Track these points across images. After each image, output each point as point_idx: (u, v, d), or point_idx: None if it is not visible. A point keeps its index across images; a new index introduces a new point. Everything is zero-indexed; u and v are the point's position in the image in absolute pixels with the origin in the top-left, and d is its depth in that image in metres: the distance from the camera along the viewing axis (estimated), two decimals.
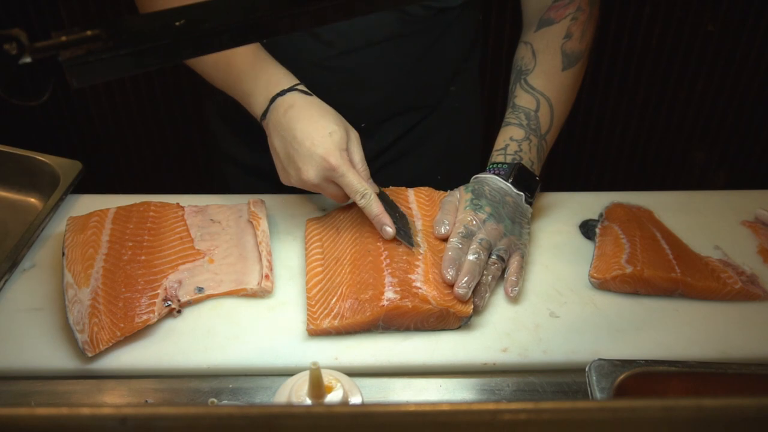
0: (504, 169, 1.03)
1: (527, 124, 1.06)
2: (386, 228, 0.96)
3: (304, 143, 0.95)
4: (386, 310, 0.88)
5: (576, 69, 1.10)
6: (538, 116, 1.07)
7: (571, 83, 1.11)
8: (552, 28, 1.10)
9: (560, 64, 1.09)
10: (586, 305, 0.96)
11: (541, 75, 1.09)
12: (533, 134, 1.06)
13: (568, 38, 1.09)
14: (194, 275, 0.96)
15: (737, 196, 1.17)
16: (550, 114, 1.08)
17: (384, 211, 0.96)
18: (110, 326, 0.86)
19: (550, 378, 0.87)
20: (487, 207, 0.98)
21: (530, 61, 1.10)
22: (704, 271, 0.99)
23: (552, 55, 1.09)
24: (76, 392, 0.84)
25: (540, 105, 1.07)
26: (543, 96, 1.08)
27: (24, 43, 0.54)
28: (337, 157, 0.94)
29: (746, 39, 1.98)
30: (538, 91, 1.08)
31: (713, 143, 2.21)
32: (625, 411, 0.44)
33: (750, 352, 0.90)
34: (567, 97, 1.11)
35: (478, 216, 0.97)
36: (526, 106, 1.08)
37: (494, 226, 0.97)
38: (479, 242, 0.95)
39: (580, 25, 1.09)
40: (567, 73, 1.10)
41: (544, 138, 1.07)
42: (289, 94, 0.98)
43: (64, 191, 1.09)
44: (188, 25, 0.58)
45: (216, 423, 0.42)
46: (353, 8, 0.63)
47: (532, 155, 1.05)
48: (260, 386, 0.85)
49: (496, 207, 0.99)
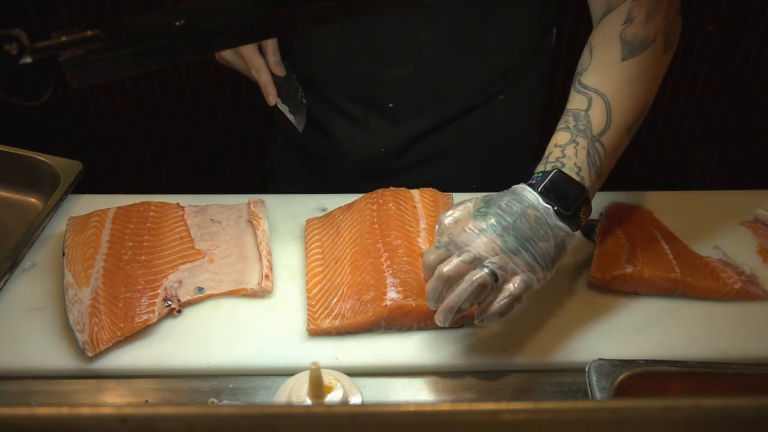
0: (537, 178, 0.86)
1: (574, 126, 0.90)
2: (269, 96, 1.12)
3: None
4: (389, 310, 0.88)
5: (642, 58, 0.92)
6: (589, 115, 0.90)
7: (637, 74, 0.93)
8: (610, 17, 0.95)
9: (619, 53, 0.93)
10: (586, 305, 0.96)
11: (596, 70, 0.94)
12: (581, 136, 0.89)
13: (628, 23, 0.93)
14: (194, 275, 0.96)
15: (737, 196, 1.17)
16: (606, 112, 0.90)
17: (271, 83, 1.12)
18: (110, 326, 0.86)
19: (550, 378, 0.87)
20: (491, 217, 0.82)
21: (586, 59, 0.95)
22: (704, 271, 0.99)
23: (609, 45, 0.94)
24: (76, 392, 0.85)
25: (592, 103, 0.91)
26: (596, 93, 0.92)
27: (24, 43, 0.54)
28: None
29: (746, 39, 1.97)
30: (591, 88, 0.93)
31: (713, 143, 2.21)
32: (625, 411, 0.44)
33: (750, 352, 0.90)
34: (633, 92, 0.93)
35: (475, 225, 0.82)
36: (576, 107, 0.92)
37: (488, 240, 0.81)
38: (459, 254, 0.81)
39: (643, 7, 0.93)
40: (628, 64, 0.92)
41: (597, 139, 0.89)
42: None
43: (64, 191, 1.09)
44: (188, 25, 0.58)
45: (216, 423, 0.42)
46: (353, 8, 0.63)
47: (579, 160, 0.88)
48: (260, 386, 0.85)
49: (505, 218, 0.82)
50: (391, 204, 1.02)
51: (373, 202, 1.03)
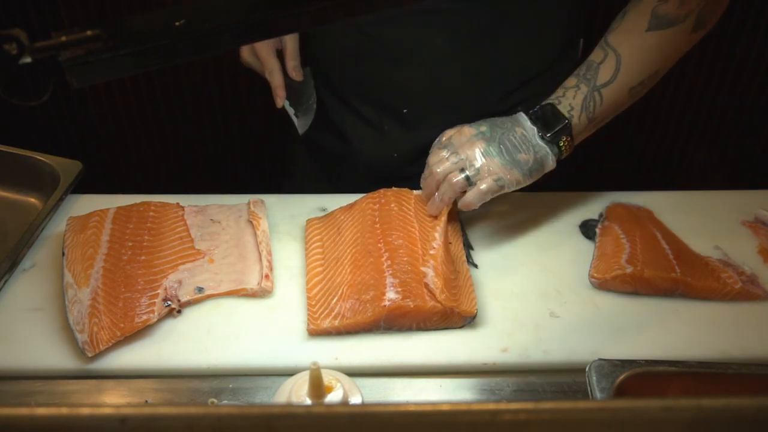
0: (533, 109, 1.01)
1: (584, 74, 1.02)
2: (277, 99, 1.12)
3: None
4: (388, 310, 0.88)
5: (666, 33, 1.00)
6: (600, 67, 1.01)
7: (655, 45, 1.01)
8: None
9: (646, 24, 1.01)
10: (586, 305, 0.96)
11: (620, 33, 1.02)
12: (584, 83, 1.01)
13: (664, 1, 1.00)
14: (194, 275, 0.96)
15: (737, 196, 1.17)
16: (615, 67, 1.01)
17: (281, 86, 1.12)
18: (110, 326, 0.86)
19: (550, 378, 0.87)
20: (483, 126, 0.99)
21: (618, 22, 1.04)
22: (704, 271, 0.99)
23: (640, 15, 1.01)
24: (76, 392, 0.84)
25: (607, 57, 1.01)
26: (613, 51, 1.01)
27: (24, 43, 0.54)
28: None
29: (746, 39, 1.97)
30: (610, 46, 1.02)
31: (713, 143, 2.21)
32: (625, 411, 0.44)
33: (750, 352, 0.90)
34: (645, 58, 1.02)
35: (469, 131, 0.98)
36: (592, 59, 1.03)
37: (477, 141, 0.97)
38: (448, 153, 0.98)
39: None
40: (650, 35, 1.00)
41: (597, 89, 1.01)
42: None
43: (64, 191, 1.09)
44: (188, 25, 0.58)
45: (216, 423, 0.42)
46: (353, 8, 0.63)
47: (575, 102, 1.00)
48: (260, 386, 0.85)
49: (494, 129, 0.98)
50: (393, 204, 1.02)
51: (375, 202, 1.03)
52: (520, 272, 1.00)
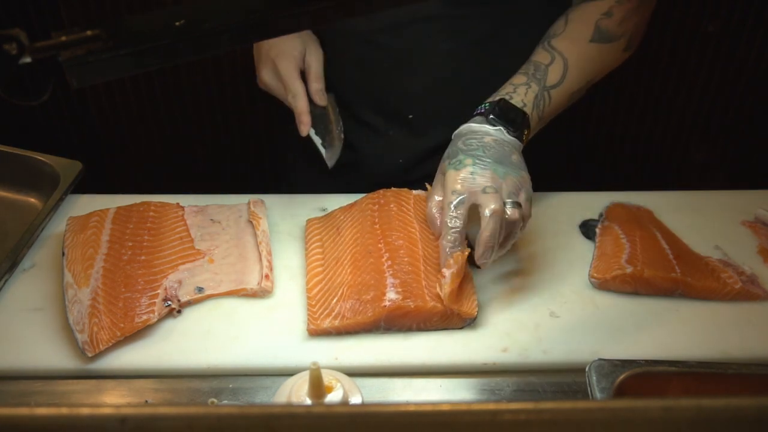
0: (486, 107, 0.98)
1: (532, 73, 1.02)
2: (301, 126, 1.07)
3: (263, 47, 1.09)
4: (388, 310, 0.88)
5: (606, 47, 1.05)
6: (548, 69, 1.02)
7: (596, 56, 1.06)
8: (593, 3, 1.06)
9: (590, 35, 1.05)
10: (586, 305, 0.96)
11: (567, 39, 1.05)
12: (535, 82, 1.01)
13: (607, 16, 1.05)
14: (194, 275, 0.96)
15: (737, 196, 1.18)
16: (563, 71, 1.03)
17: (307, 112, 1.07)
18: (110, 326, 0.86)
19: (550, 378, 0.87)
20: (466, 159, 0.92)
21: (560, 27, 1.07)
22: (704, 271, 0.99)
23: (584, 26, 1.05)
24: (76, 392, 0.84)
25: (554, 60, 1.03)
26: (561, 55, 1.04)
27: (24, 43, 0.54)
28: (286, 61, 1.07)
29: (746, 39, 1.97)
30: (557, 50, 1.04)
31: (713, 143, 2.21)
32: (625, 411, 0.44)
33: (750, 352, 0.90)
34: (588, 67, 1.05)
35: (459, 173, 0.91)
36: (539, 60, 1.04)
37: (483, 175, 0.90)
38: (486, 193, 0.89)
39: (623, 9, 1.05)
40: (593, 45, 1.05)
41: (547, 89, 1.01)
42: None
43: (64, 191, 1.09)
44: (188, 25, 0.58)
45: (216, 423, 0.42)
46: (353, 8, 0.63)
47: (527, 98, 0.99)
48: (260, 386, 0.85)
49: (476, 154, 0.93)
50: (392, 204, 1.02)
51: (375, 202, 1.03)
52: (520, 272, 1.00)
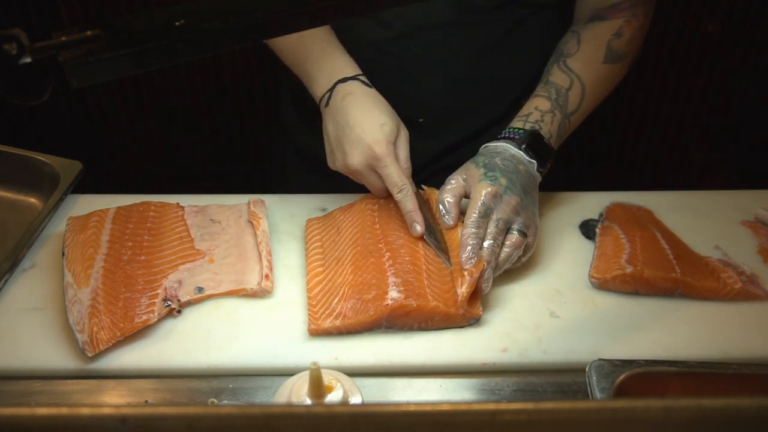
0: (519, 134, 1.01)
1: (555, 99, 1.05)
2: (416, 225, 0.97)
3: (355, 129, 0.97)
4: (390, 309, 0.88)
5: (615, 67, 1.09)
6: (569, 95, 1.05)
7: (609, 78, 1.10)
8: (603, 23, 1.09)
9: (603, 56, 1.08)
10: (586, 305, 0.96)
11: (582, 60, 1.07)
12: (559, 110, 1.04)
13: (617, 36, 1.08)
14: (194, 275, 0.96)
15: (737, 196, 1.18)
16: (581, 96, 1.06)
17: (418, 209, 0.97)
18: (110, 326, 0.86)
19: (550, 378, 0.87)
20: (502, 178, 0.95)
21: (573, 47, 1.09)
22: (704, 271, 0.99)
23: (597, 46, 1.08)
24: (76, 392, 0.84)
25: (573, 85, 1.06)
26: (578, 78, 1.06)
27: (24, 43, 0.54)
28: (383, 148, 0.96)
29: (746, 39, 1.97)
30: (574, 72, 1.07)
31: (713, 143, 2.21)
32: (625, 411, 0.44)
33: (750, 352, 0.90)
34: (600, 90, 1.09)
35: (494, 189, 0.94)
36: (559, 83, 1.06)
37: (511, 200, 0.94)
38: (496, 224, 0.93)
39: (631, 29, 1.08)
40: (607, 67, 1.08)
41: (568, 117, 1.06)
42: (350, 82, 1.00)
43: (64, 191, 1.09)
44: (188, 25, 0.58)
45: (216, 423, 0.42)
46: (353, 8, 0.63)
47: (552, 129, 1.03)
48: (260, 386, 0.85)
49: (511, 177, 0.96)
50: (392, 204, 1.02)
51: (374, 202, 1.03)
52: (520, 272, 1.00)
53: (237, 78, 1.94)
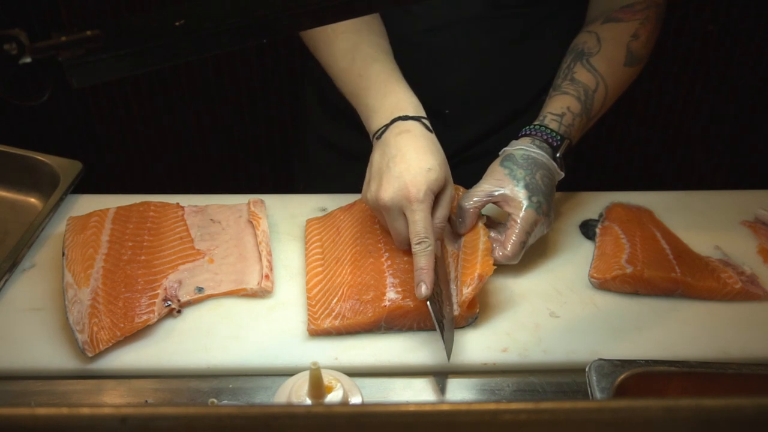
0: (557, 140, 1.00)
1: (584, 101, 1.03)
2: (423, 285, 0.86)
3: (399, 165, 0.91)
4: (388, 310, 0.88)
5: (633, 70, 1.08)
6: (594, 97, 1.04)
7: (626, 80, 1.08)
8: (620, 25, 1.08)
9: (624, 58, 1.06)
10: (586, 305, 0.96)
11: (605, 60, 1.06)
12: (586, 113, 1.04)
13: (635, 38, 1.07)
14: (194, 275, 0.96)
15: (737, 196, 1.17)
16: (603, 100, 1.05)
17: (432, 269, 0.87)
18: (110, 326, 0.86)
19: (550, 378, 0.87)
20: (545, 204, 0.97)
21: (594, 46, 1.07)
22: (704, 271, 0.99)
23: (618, 47, 1.06)
24: (76, 392, 0.85)
25: (598, 87, 1.04)
26: (603, 80, 1.05)
27: (24, 43, 0.54)
28: (420, 192, 0.89)
29: (746, 39, 1.97)
30: (599, 73, 1.05)
31: (713, 143, 2.21)
32: (625, 411, 0.44)
33: (750, 352, 0.90)
34: (617, 95, 1.08)
35: (539, 219, 0.96)
36: (587, 83, 1.04)
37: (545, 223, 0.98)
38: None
39: (646, 31, 1.08)
40: (627, 70, 1.07)
41: (591, 120, 1.06)
42: (411, 121, 0.95)
43: (64, 191, 1.09)
44: (188, 25, 0.58)
45: (216, 423, 0.42)
46: (353, 8, 0.63)
47: (579, 134, 1.04)
48: (260, 386, 0.85)
49: (549, 200, 0.98)
50: None
51: None
52: (520, 272, 1.00)
53: (237, 78, 1.94)
